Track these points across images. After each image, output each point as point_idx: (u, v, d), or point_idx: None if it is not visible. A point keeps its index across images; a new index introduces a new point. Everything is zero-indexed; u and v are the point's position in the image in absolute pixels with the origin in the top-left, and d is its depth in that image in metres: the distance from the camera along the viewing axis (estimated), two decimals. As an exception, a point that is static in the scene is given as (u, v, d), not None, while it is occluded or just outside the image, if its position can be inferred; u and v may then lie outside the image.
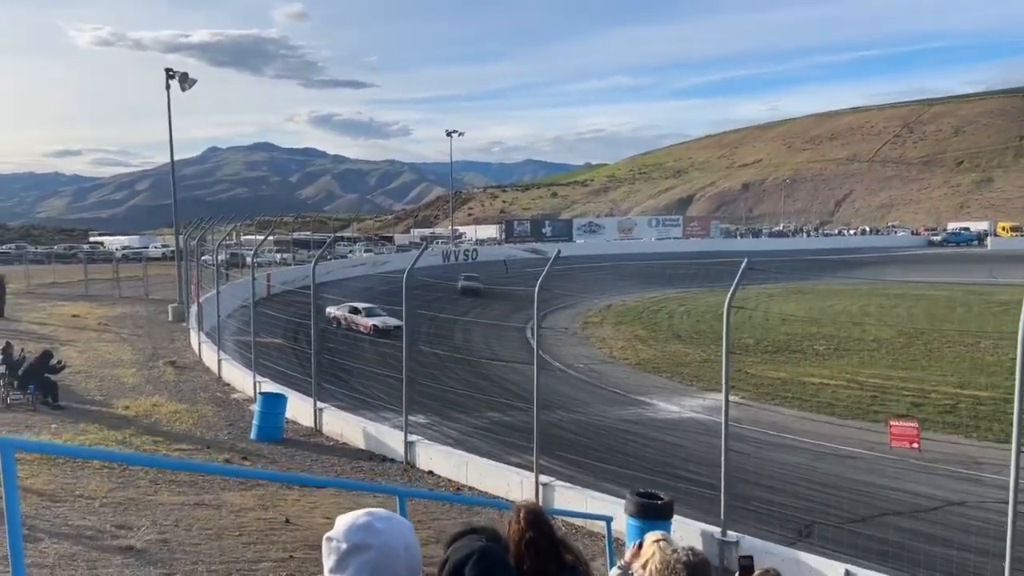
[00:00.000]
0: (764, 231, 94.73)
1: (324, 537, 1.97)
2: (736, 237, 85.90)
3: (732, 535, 8.62)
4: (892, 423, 8.01)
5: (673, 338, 27.64)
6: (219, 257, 23.13)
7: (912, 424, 7.75)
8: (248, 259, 26.50)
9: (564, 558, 2.84)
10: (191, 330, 22.16)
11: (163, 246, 60.05)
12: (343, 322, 26.51)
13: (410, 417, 12.10)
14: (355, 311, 26.75)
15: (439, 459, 11.54)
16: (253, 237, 55.84)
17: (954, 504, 11.41)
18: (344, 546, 1.88)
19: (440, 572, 1.78)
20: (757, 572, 3.25)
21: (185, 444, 11.82)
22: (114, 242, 66.49)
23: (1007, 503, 6.97)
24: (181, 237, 30.51)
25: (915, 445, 7.55)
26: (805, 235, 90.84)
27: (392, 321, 24.46)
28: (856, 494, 11.81)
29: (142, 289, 32.38)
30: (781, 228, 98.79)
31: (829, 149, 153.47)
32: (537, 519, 2.82)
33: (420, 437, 12.20)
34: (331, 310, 26.84)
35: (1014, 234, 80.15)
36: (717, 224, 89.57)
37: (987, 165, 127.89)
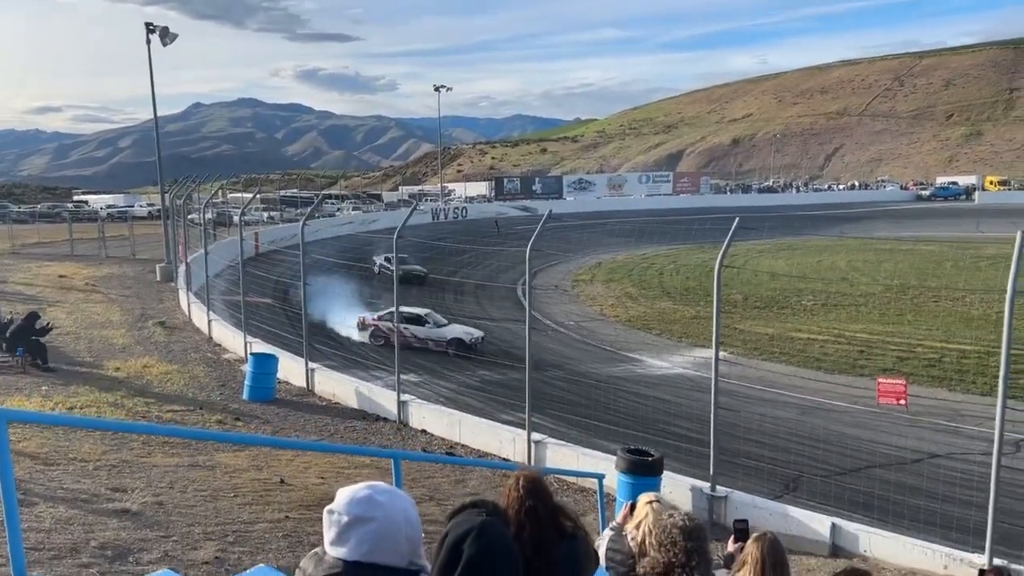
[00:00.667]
0: (754, 186, 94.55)
1: (325, 510, 1.97)
2: (726, 193, 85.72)
3: (721, 490, 8.77)
4: (880, 380, 8.11)
5: (663, 295, 27.74)
6: (206, 216, 22.89)
7: (900, 381, 7.84)
8: (235, 218, 26.23)
9: (563, 525, 2.86)
10: (180, 290, 22.04)
11: (149, 205, 59.26)
12: (384, 332, 18.59)
13: (402, 376, 12.16)
14: (411, 319, 18.75)
15: (432, 418, 11.64)
16: (240, 195, 55.24)
17: (938, 456, 11.63)
18: (345, 519, 1.87)
19: (439, 547, 1.79)
20: (753, 535, 3.28)
21: (177, 405, 11.84)
22: (99, 201, 65.58)
23: (990, 455, 7.12)
24: (167, 196, 30.12)
25: (902, 402, 7.66)
26: (795, 190, 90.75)
27: (477, 332, 19.01)
28: (842, 447, 12.02)
29: (128, 249, 32.07)
30: (771, 183, 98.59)
31: (819, 103, 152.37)
32: (536, 487, 2.83)
33: (413, 396, 12.28)
34: (369, 319, 19.55)
35: (1001, 188, 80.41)
36: (707, 180, 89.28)
37: (977, 119, 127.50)
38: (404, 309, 17.40)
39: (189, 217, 26.55)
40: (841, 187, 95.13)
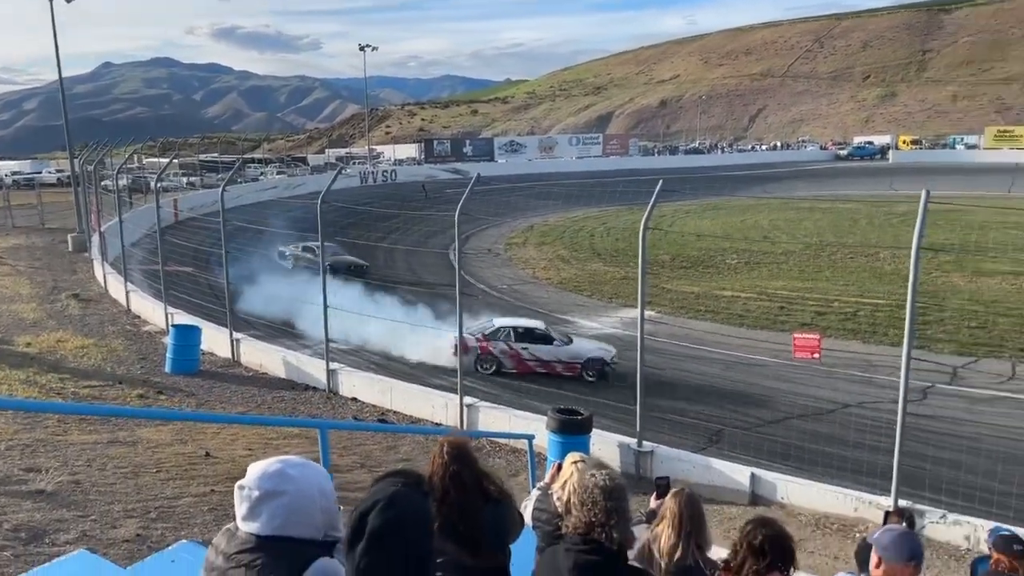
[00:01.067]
0: (681, 148, 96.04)
1: (236, 485, 1.92)
2: (654, 155, 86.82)
3: (648, 445, 9.03)
4: (796, 335, 8.44)
5: (594, 257, 28.07)
6: (120, 182, 21.84)
7: (814, 336, 8.17)
8: (152, 184, 25.10)
9: (488, 491, 2.88)
10: (94, 261, 21.06)
11: (57, 171, 56.04)
12: (498, 355, 14.05)
13: (332, 344, 11.99)
14: (529, 336, 14.27)
15: (362, 385, 11.55)
16: (157, 160, 52.85)
17: (850, 406, 12.24)
18: (256, 494, 1.84)
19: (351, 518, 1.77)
20: (672, 491, 3.38)
21: (95, 380, 11.39)
22: (3, 167, 61.71)
23: (898, 403, 7.53)
24: (77, 161, 28.56)
25: (816, 355, 7.99)
26: (720, 151, 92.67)
27: (609, 347, 14.49)
28: (762, 400, 12.53)
29: (37, 218, 30.40)
30: (697, 145, 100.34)
31: (744, 64, 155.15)
32: (460, 453, 2.84)
33: (342, 365, 12.14)
34: (472, 339, 13.62)
35: (914, 147, 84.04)
36: (635, 142, 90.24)
37: (891, 79, 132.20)
38: (513, 323, 14.54)
39: (102, 184, 25.28)
40: (764, 148, 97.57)
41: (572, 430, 8.73)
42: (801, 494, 8.14)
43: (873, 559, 2.96)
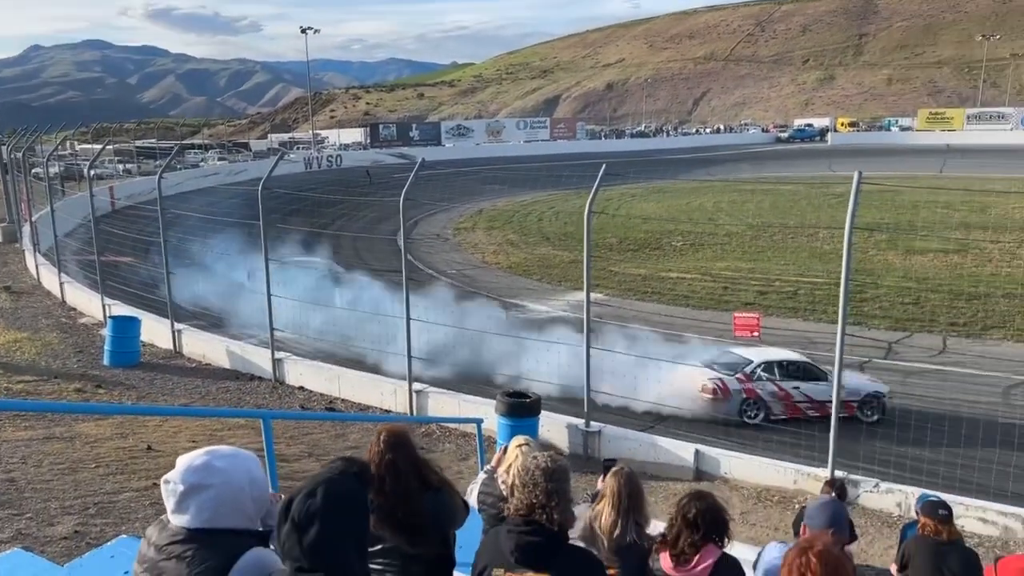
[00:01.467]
0: (627, 131, 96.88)
1: (162, 480, 1.90)
2: (601, 138, 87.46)
3: (595, 425, 9.17)
4: (736, 315, 8.65)
5: (543, 241, 28.19)
6: (51, 170, 20.99)
7: (753, 315, 8.39)
8: (85, 171, 24.20)
9: (428, 479, 2.90)
10: (26, 252, 20.27)
11: (-17, 159, 53.61)
12: (767, 399, 11.10)
13: (278, 333, 11.80)
14: (793, 371, 11.26)
15: (309, 374, 11.41)
16: (90, 146, 50.94)
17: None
18: (181, 488, 1.82)
19: None
20: (612, 470, 3.44)
21: (29, 376, 11.00)
22: (-78, 155, 58.67)
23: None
24: (4, 148, 27.33)
25: (755, 334, 8.22)
26: (665, 135, 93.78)
27: (881, 384, 11.67)
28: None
29: (-38, 208, 29.05)
30: (643, 128, 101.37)
31: (688, 48, 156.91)
32: (397, 441, 2.84)
33: (288, 353, 11.97)
34: (733, 380, 11.09)
35: (851, 129, 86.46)
36: (583, 125, 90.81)
37: (830, 63, 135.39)
38: (776, 356, 11.41)
39: (32, 172, 24.26)
40: (708, 131, 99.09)
41: (521, 413, 8.80)
42: (743, 468, 8.39)
43: (802, 528, 3.10)
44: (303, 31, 62.46)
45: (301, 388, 11.36)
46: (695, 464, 8.59)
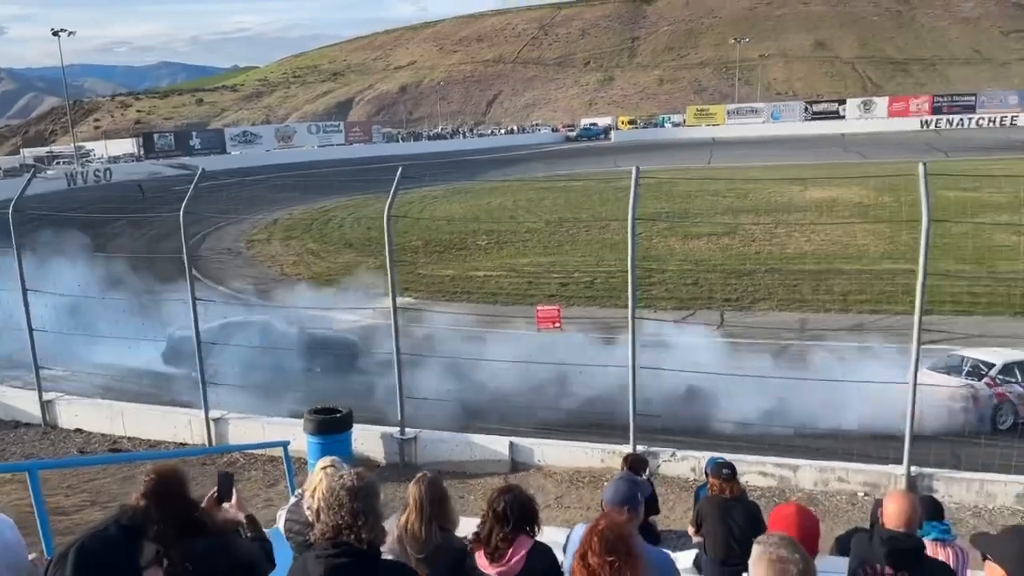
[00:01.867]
0: (424, 134, 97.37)
1: None
2: (398, 141, 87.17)
3: (410, 431, 9.07)
4: (538, 308, 8.94)
5: (346, 248, 27.51)
6: None
7: (554, 308, 8.71)
8: None
9: (200, 523, 2.67)
10: None
11: None
12: (1011, 401, 10.57)
13: (45, 371, 10.45)
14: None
15: (87, 413, 10.23)
16: None
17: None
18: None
19: None
20: (416, 476, 3.40)
21: None
22: None
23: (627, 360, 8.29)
24: None
25: (557, 325, 8.54)
26: (462, 136, 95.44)
27: None
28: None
29: None
30: (439, 130, 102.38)
31: (477, 51, 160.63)
32: (158, 487, 2.57)
33: (60, 393, 10.65)
34: (982, 385, 10.55)
35: (631, 127, 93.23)
36: (378, 128, 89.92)
37: (608, 65, 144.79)
38: (1008, 356, 10.85)
39: None
40: (502, 132, 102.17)
41: (332, 429, 8.48)
42: (555, 455, 8.70)
43: (602, 505, 3.27)
44: (55, 34, 56.13)
45: (78, 431, 10.14)
46: (511, 456, 8.77)
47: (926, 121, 76.50)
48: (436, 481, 3.35)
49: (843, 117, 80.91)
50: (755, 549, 2.42)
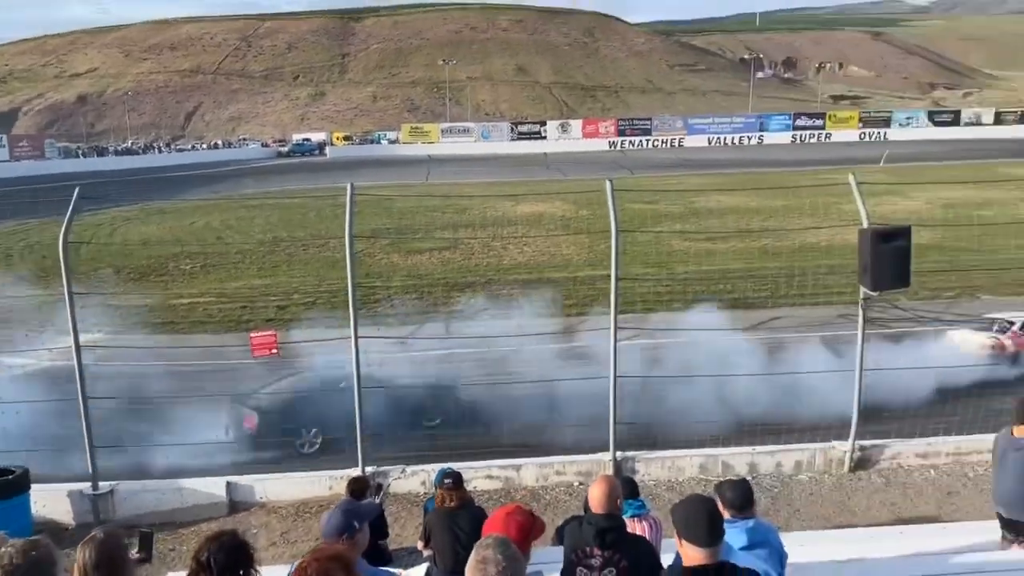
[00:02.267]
0: (111, 149, 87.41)
1: None
2: (78, 156, 77.26)
3: (105, 485, 7.96)
4: (252, 335, 8.40)
5: (15, 281, 23.51)
6: None
7: (270, 333, 8.25)
8: None
9: None
10: None
11: None
12: None
13: None
14: None
15: None
16: None
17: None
18: None
19: None
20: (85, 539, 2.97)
21: None
22: None
23: (352, 378, 8.09)
24: None
25: (274, 351, 8.09)
26: (157, 151, 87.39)
27: None
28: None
29: None
30: (130, 145, 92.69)
31: (171, 60, 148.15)
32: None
33: None
34: (985, 340, 13.78)
35: (346, 143, 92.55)
36: (52, 143, 78.93)
37: (319, 80, 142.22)
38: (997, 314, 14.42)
39: None
40: (205, 146, 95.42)
41: (3, 494, 7.13)
42: (279, 488, 8.21)
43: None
44: None
45: None
46: (228, 497, 8.09)
47: (613, 142, 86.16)
48: (107, 541, 2.90)
49: (545, 137, 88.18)
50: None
